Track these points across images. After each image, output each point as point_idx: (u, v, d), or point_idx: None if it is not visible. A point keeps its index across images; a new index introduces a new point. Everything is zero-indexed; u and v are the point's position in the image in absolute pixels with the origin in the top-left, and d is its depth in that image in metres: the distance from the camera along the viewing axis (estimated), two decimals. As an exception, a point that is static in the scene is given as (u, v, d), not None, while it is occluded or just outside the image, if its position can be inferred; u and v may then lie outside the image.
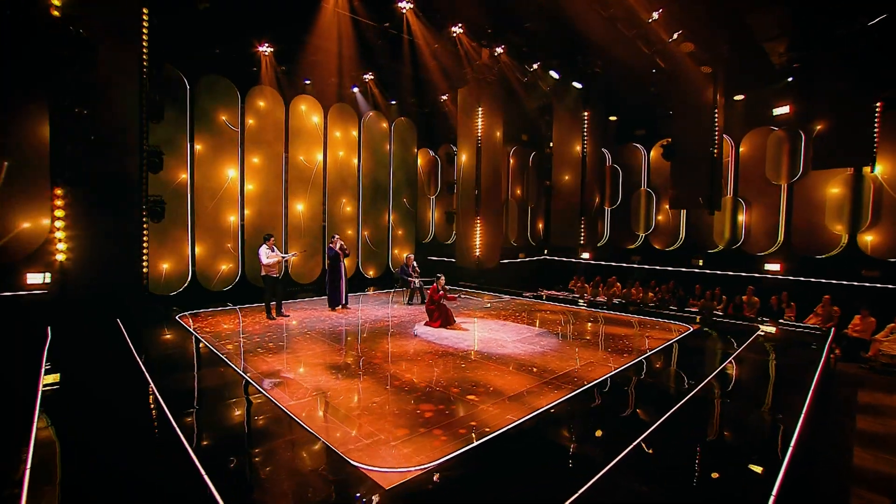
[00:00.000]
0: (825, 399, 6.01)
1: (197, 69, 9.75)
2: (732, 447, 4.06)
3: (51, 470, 3.39)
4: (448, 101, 13.64)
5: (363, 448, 3.77)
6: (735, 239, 12.91)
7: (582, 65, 11.34)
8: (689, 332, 8.18)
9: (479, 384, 5.26)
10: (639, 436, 3.91)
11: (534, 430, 4.15)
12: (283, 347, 6.71)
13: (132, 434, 4.02)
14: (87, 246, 6.58)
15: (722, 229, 13.06)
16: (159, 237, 9.30)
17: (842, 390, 6.77)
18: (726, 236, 13.03)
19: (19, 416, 4.07)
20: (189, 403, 4.64)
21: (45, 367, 5.44)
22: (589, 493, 3.09)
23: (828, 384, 6.64)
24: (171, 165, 9.42)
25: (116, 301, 7.47)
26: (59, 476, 3.35)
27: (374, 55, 10.08)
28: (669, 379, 5.75)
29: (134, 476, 3.33)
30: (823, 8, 8.94)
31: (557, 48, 10.35)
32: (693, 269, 13.50)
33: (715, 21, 9.04)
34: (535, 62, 11.35)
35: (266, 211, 11.28)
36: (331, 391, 4.99)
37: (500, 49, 10.45)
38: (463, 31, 9.48)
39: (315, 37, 9.20)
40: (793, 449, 3.81)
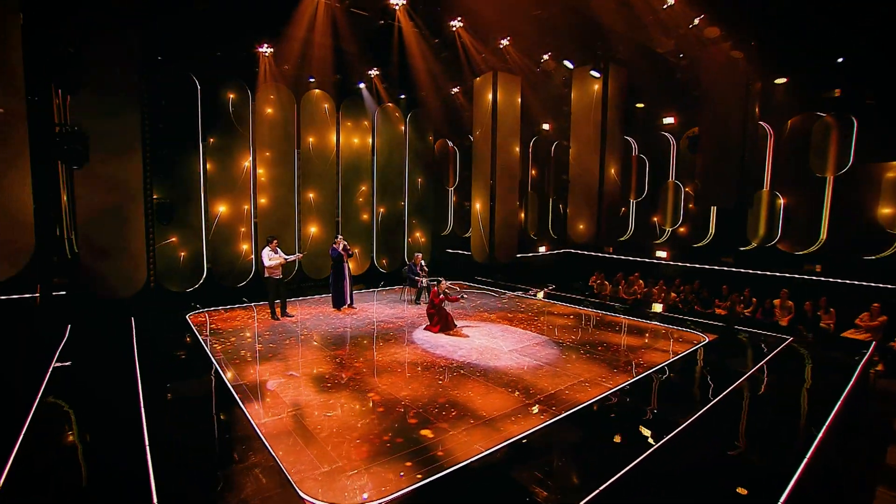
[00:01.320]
0: (852, 425, 5.48)
1: (207, 68, 9.84)
2: (722, 490, 3.72)
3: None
4: (460, 92, 13.22)
5: (319, 477, 3.72)
6: (770, 236, 11.94)
7: (602, 52, 10.62)
8: (704, 344, 7.65)
9: (459, 404, 5.10)
10: (614, 475, 3.65)
11: (499, 464, 3.97)
12: (276, 353, 6.80)
13: (99, 430, 4.19)
14: (99, 249, 6.85)
15: (756, 225, 12.09)
16: (175, 235, 9.63)
17: (878, 414, 6.18)
18: (760, 233, 12.07)
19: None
20: (163, 411, 4.76)
21: (54, 363, 5.82)
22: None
23: (860, 406, 6.06)
24: (185, 165, 9.68)
25: (130, 300, 7.82)
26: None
27: (382, 50, 9.82)
28: (663, 405, 5.31)
29: (87, 466, 3.44)
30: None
31: (572, 36, 9.70)
32: (722, 268, 12.63)
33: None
34: (546, 52, 10.73)
35: (279, 206, 11.44)
36: (307, 407, 4.99)
37: (506, 41, 9.92)
38: (463, 25, 9.05)
39: (318, 34, 9.05)
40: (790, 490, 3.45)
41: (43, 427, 4.44)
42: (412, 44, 9.61)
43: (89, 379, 5.74)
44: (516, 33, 9.49)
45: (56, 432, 4.42)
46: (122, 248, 6.85)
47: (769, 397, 5.63)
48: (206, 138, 10.11)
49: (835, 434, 4.63)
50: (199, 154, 10.04)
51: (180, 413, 4.87)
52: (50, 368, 5.92)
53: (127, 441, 4.21)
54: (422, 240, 14.96)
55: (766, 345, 7.74)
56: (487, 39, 9.87)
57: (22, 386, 5.41)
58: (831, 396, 5.27)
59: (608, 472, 3.70)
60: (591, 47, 10.40)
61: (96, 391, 5.42)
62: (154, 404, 4.93)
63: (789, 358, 7.12)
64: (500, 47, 9.93)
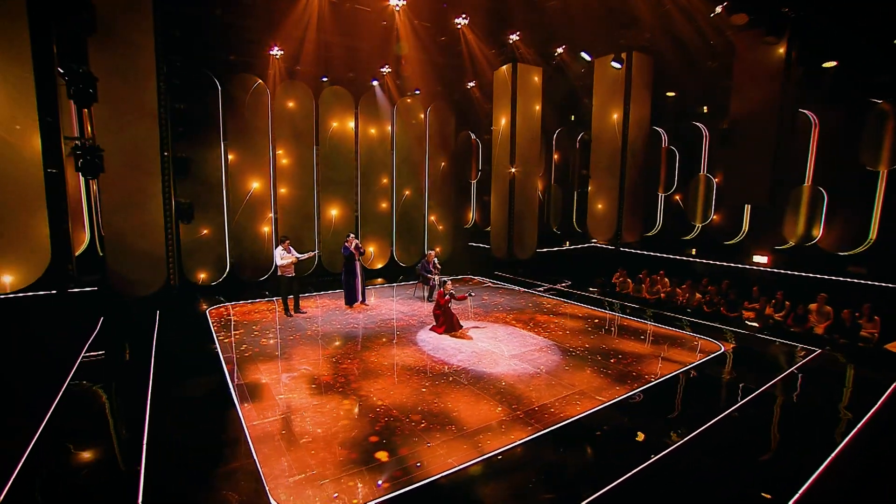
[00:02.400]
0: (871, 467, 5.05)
1: (226, 69, 10.16)
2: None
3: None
4: (476, 87, 12.96)
5: (293, 484, 3.89)
6: (810, 235, 11.08)
7: (625, 40, 10.07)
8: (718, 354, 7.28)
9: (443, 414, 5.14)
10: (591, 495, 3.60)
11: (467, 482, 3.99)
12: (281, 352, 7.08)
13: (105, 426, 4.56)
14: (125, 248, 7.36)
15: (795, 222, 11.25)
16: (197, 233, 10.16)
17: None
18: (800, 231, 11.23)
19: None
20: (166, 409, 5.10)
21: (83, 354, 6.41)
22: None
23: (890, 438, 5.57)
24: (206, 163, 10.14)
25: (156, 294, 8.38)
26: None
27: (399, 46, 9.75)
28: (651, 426, 4.99)
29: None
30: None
31: (591, 25, 9.25)
32: (755, 267, 11.88)
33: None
34: (562, 44, 10.28)
35: (299, 202, 11.77)
36: (297, 410, 5.19)
37: (516, 35, 9.57)
38: (467, 22, 8.82)
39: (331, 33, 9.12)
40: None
41: (62, 417, 4.89)
42: (422, 40, 9.49)
43: (108, 372, 6.23)
44: (532, 25, 9.15)
45: (70, 426, 4.84)
46: (142, 250, 7.32)
47: (770, 423, 5.24)
48: (226, 137, 10.52)
49: (846, 480, 4.29)
50: (221, 153, 10.47)
51: (181, 412, 5.20)
52: (78, 359, 6.48)
53: (129, 437, 4.56)
54: (440, 228, 14.93)
55: (788, 356, 7.28)
56: (498, 34, 9.58)
57: (52, 375, 5.93)
58: (846, 427, 4.90)
59: (575, 499, 3.65)
60: (613, 36, 9.87)
61: (110, 385, 5.88)
62: (159, 401, 5.29)
63: (812, 373, 6.65)
64: (510, 42, 9.60)
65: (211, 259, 10.70)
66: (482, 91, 12.65)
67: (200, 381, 6.02)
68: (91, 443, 4.55)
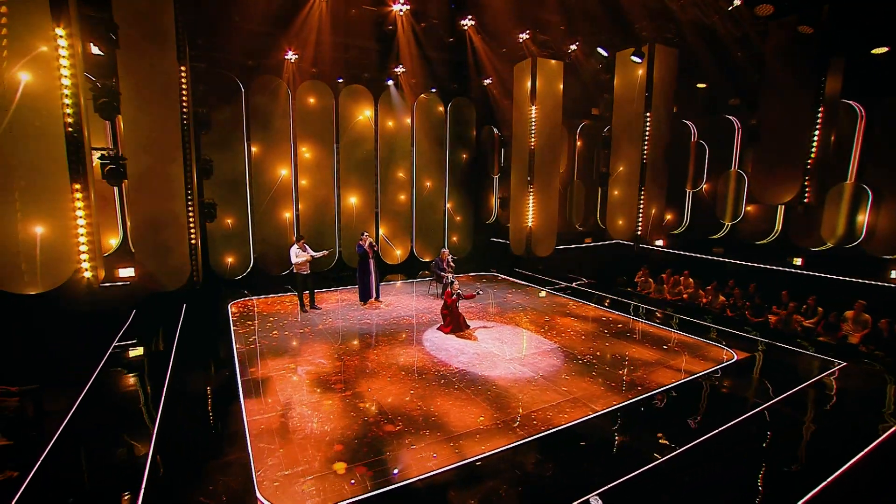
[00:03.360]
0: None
1: (247, 73, 10.57)
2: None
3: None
4: (493, 84, 12.80)
5: (279, 479, 4.17)
6: (852, 236, 10.33)
7: (647, 32, 9.64)
8: (730, 364, 7.02)
9: (433, 417, 5.29)
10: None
11: (443, 485, 4.12)
12: (292, 348, 7.44)
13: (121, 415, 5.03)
14: (151, 246, 7.94)
15: (834, 222, 10.51)
16: (223, 229, 10.74)
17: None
18: (839, 232, 10.48)
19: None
20: (178, 401, 5.52)
21: (115, 343, 7.04)
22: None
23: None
24: (231, 163, 10.65)
25: (183, 288, 8.97)
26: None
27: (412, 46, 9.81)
28: (634, 441, 4.89)
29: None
30: None
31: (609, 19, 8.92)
32: (787, 269, 11.24)
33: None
34: (577, 40, 9.94)
35: (319, 198, 12.16)
36: (296, 407, 5.49)
37: (526, 34, 9.35)
38: (474, 24, 8.70)
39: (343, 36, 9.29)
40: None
41: (88, 404, 5.42)
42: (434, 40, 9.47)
43: (132, 362, 6.79)
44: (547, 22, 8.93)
45: (92, 417, 5.35)
46: (167, 248, 7.85)
47: (759, 448, 4.93)
48: (250, 138, 10.98)
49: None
50: (245, 154, 10.96)
51: (191, 404, 5.61)
52: (110, 348, 7.09)
53: (141, 427, 5.00)
54: (457, 219, 14.96)
55: (806, 369, 6.92)
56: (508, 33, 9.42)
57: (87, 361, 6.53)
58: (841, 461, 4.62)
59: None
60: (633, 29, 9.47)
61: (132, 375, 6.41)
62: (173, 393, 5.74)
63: (828, 390, 6.32)
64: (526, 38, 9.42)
65: (236, 254, 11.27)
66: (502, 87, 12.49)
67: (212, 374, 6.45)
68: (107, 430, 5.02)
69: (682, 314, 9.83)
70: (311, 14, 8.38)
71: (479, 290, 9.31)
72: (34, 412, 6.15)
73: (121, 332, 7.66)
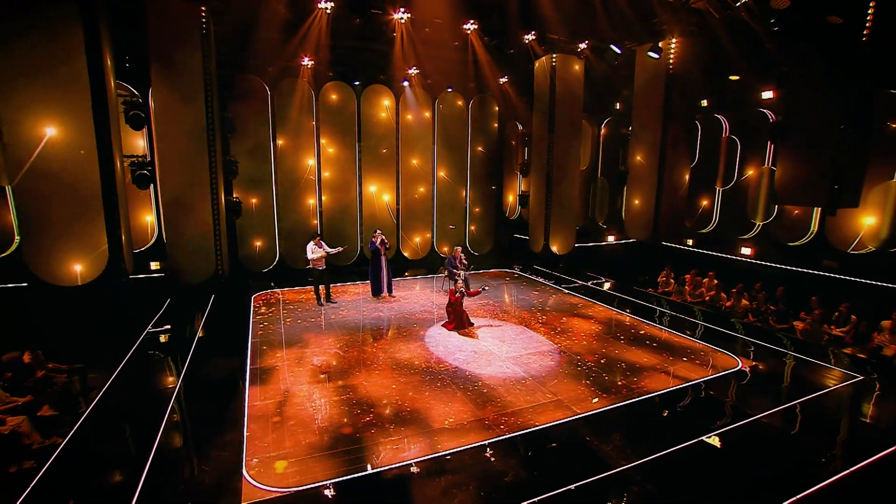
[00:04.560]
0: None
1: (275, 75, 11.19)
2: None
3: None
4: (507, 83, 12.75)
5: (266, 460, 4.61)
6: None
7: (667, 25, 9.31)
8: (732, 372, 6.82)
9: (418, 411, 5.58)
10: None
11: (410, 477, 4.41)
12: (301, 339, 7.96)
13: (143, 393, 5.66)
14: (181, 241, 8.73)
15: (877, 224, 9.76)
16: (250, 225, 11.50)
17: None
18: (883, 234, 9.74)
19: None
20: (193, 383, 6.13)
21: (148, 329, 7.88)
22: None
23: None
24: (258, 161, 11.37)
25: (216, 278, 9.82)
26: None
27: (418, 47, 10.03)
28: (607, 445, 4.90)
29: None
30: None
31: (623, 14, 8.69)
32: (822, 273, 10.56)
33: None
34: (587, 38, 9.71)
35: (340, 197, 12.70)
36: (293, 395, 5.95)
37: (532, 35, 9.25)
38: (477, 28, 8.72)
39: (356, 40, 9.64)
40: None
41: (117, 386, 6.15)
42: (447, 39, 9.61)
43: (159, 347, 7.54)
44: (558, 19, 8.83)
45: (118, 397, 6.07)
46: (195, 243, 8.59)
47: (733, 464, 4.83)
48: (275, 138, 11.63)
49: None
50: (271, 154, 11.64)
51: (203, 389, 6.22)
52: (143, 334, 7.91)
53: (156, 408, 5.63)
54: (476, 210, 15.07)
55: (817, 381, 6.61)
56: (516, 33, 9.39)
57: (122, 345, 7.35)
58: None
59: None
60: (652, 23, 9.17)
61: (157, 360, 7.15)
62: (189, 378, 6.38)
63: (831, 405, 6.03)
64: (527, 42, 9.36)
65: (263, 248, 12.04)
66: (520, 85, 12.48)
67: (226, 361, 7.06)
68: (128, 406, 5.69)
69: (698, 318, 9.53)
70: (328, 21, 8.77)
71: (485, 286, 9.46)
72: (79, 387, 7.03)
73: (154, 320, 8.49)
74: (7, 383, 6.44)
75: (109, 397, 5.89)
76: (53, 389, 6.70)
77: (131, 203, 8.97)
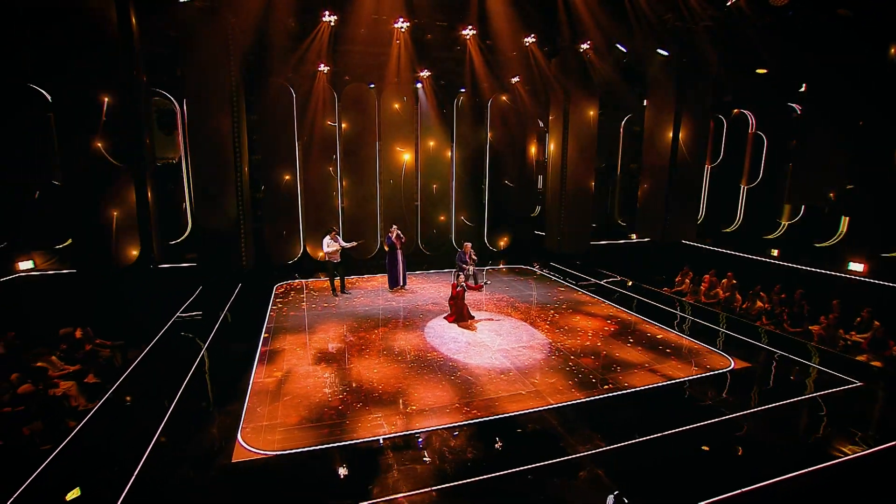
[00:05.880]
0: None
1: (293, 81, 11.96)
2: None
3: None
4: (519, 83, 12.85)
5: (260, 427, 5.24)
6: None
7: (681, 22, 9.17)
8: (720, 372, 6.79)
9: (402, 394, 6.05)
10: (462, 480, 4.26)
11: (382, 448, 4.88)
12: (311, 326, 8.63)
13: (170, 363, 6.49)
14: (210, 236, 9.67)
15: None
16: (278, 220, 12.39)
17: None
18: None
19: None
20: (210, 359, 6.91)
21: (178, 313, 8.79)
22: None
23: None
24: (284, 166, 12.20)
25: (242, 269, 10.75)
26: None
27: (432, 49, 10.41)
28: (582, 433, 5.18)
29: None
30: None
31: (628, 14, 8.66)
32: (850, 276, 10.02)
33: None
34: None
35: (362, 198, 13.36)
36: (293, 374, 6.58)
37: (531, 38, 9.33)
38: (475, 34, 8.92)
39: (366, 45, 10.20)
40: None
41: (149, 355, 7.06)
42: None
43: (185, 328, 8.45)
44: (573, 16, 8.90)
45: (147, 367, 6.96)
46: (222, 237, 9.50)
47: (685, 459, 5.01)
48: (300, 138, 12.42)
49: None
50: (295, 154, 12.44)
51: (217, 367, 7.00)
52: (174, 317, 8.87)
53: (175, 379, 6.42)
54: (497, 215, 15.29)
55: (809, 384, 6.47)
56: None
57: (157, 326, 8.32)
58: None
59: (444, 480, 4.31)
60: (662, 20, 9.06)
61: (182, 340, 8.03)
62: (208, 355, 7.18)
63: (805, 409, 5.92)
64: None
65: (287, 241, 12.93)
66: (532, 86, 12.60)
67: (241, 343, 7.83)
68: (151, 378, 6.54)
69: (703, 319, 9.37)
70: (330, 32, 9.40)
71: (486, 281, 9.74)
72: (121, 360, 8.06)
73: (185, 305, 9.48)
74: (62, 353, 7.57)
75: (138, 371, 6.76)
76: (99, 361, 7.79)
77: (166, 200, 10.04)
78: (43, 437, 5.59)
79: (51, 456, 4.71)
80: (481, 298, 10.54)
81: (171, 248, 10.00)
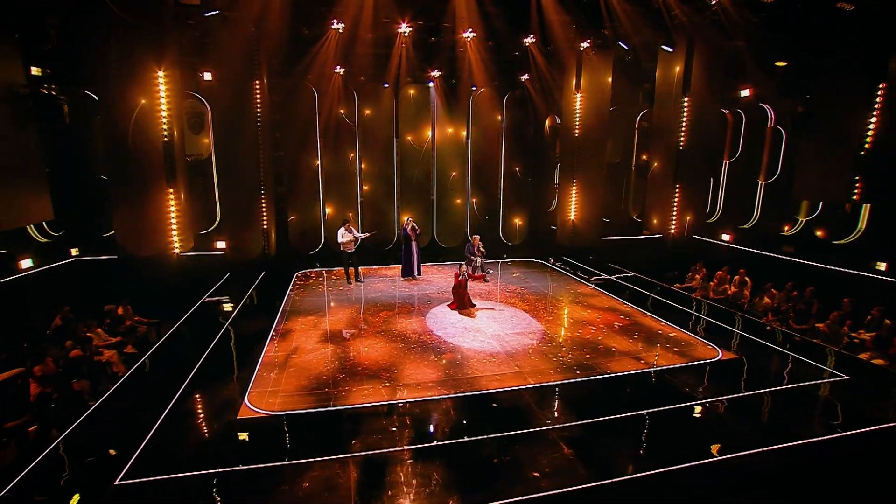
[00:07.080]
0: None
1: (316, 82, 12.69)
2: None
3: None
4: (529, 80, 13.04)
5: (264, 392, 5.93)
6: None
7: (687, 17, 9.16)
8: (705, 363, 6.93)
9: (394, 368, 6.61)
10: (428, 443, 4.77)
11: (365, 414, 5.44)
12: (323, 309, 9.32)
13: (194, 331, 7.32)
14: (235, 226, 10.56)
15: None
16: (300, 212, 13.23)
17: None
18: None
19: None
20: (228, 336, 7.70)
21: (205, 298, 9.74)
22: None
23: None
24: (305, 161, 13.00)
25: (267, 257, 11.64)
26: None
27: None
28: (550, 413, 5.55)
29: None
30: None
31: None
32: (870, 275, 9.72)
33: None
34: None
35: (380, 192, 14.00)
36: (299, 350, 7.26)
37: (530, 39, 9.52)
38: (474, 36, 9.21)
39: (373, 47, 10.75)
40: None
41: (176, 332, 7.95)
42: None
43: (210, 310, 9.33)
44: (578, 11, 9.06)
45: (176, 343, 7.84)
46: (246, 227, 10.37)
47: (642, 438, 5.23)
48: (321, 135, 13.16)
49: None
50: (317, 151, 13.20)
51: (235, 342, 7.79)
52: (200, 300, 9.79)
53: (197, 350, 7.24)
54: (513, 209, 15.54)
55: (792, 376, 6.52)
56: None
57: (187, 307, 9.25)
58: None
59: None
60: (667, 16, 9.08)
61: (208, 317, 8.91)
62: (228, 332, 7.99)
63: (778, 396, 6.00)
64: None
65: (308, 232, 13.75)
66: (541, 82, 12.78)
67: (258, 322, 8.61)
68: (178, 348, 7.39)
69: (709, 314, 9.38)
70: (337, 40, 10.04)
71: (489, 271, 10.11)
72: (155, 336, 9.02)
73: (212, 289, 10.42)
74: (106, 327, 8.61)
75: (167, 344, 7.65)
76: (136, 335, 8.79)
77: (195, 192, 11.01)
78: (88, 394, 6.55)
79: (95, 405, 5.59)
80: (492, 289, 10.92)
81: (201, 238, 10.98)
